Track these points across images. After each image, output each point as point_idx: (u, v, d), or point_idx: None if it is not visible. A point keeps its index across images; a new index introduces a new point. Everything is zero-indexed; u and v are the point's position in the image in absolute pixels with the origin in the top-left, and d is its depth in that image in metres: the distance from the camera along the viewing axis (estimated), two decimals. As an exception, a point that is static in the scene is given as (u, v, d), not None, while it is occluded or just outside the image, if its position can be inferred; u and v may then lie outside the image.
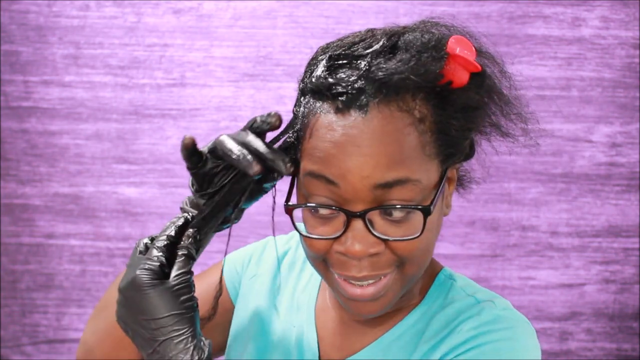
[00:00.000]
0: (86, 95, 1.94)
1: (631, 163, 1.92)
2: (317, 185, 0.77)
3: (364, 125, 0.75)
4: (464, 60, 0.77)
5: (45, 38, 1.93)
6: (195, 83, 1.93)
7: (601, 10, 1.89)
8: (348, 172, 0.74)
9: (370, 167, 0.74)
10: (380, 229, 0.76)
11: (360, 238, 0.76)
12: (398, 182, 0.75)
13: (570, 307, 1.94)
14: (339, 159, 0.75)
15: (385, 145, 0.74)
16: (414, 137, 0.76)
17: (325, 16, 1.91)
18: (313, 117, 0.78)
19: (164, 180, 1.95)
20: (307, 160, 0.77)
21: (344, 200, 0.76)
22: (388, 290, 0.79)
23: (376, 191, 0.75)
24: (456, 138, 0.79)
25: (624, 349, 1.94)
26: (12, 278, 1.99)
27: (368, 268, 0.78)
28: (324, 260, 0.80)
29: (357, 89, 0.75)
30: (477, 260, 1.93)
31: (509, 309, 0.84)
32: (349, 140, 0.75)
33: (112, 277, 1.97)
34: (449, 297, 0.86)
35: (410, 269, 0.79)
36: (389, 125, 0.75)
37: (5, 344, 1.99)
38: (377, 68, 0.75)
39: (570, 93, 1.91)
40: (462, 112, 0.78)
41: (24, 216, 1.97)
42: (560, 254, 1.93)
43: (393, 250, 0.77)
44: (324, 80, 0.77)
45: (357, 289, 0.79)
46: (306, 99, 0.80)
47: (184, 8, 1.92)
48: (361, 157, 0.74)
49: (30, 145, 1.96)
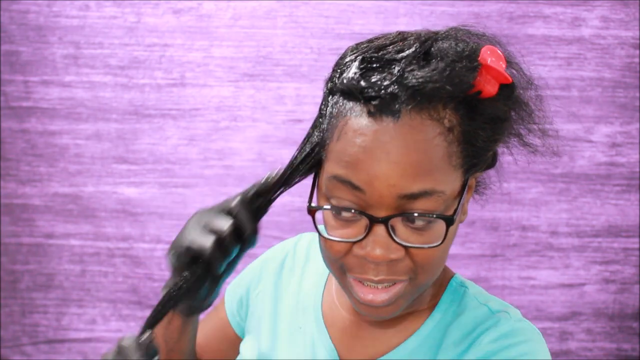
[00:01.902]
0: (86, 95, 1.94)
1: (631, 163, 1.92)
2: (342, 188, 0.76)
3: (395, 131, 0.74)
4: (495, 72, 0.77)
5: (45, 38, 1.93)
6: (195, 83, 1.93)
7: (601, 10, 1.89)
8: (375, 179, 0.74)
9: (397, 176, 0.74)
10: (402, 236, 0.77)
11: (382, 243, 0.76)
12: (424, 194, 0.75)
13: (570, 307, 1.94)
14: (368, 164, 0.74)
15: (415, 155, 0.74)
16: (442, 147, 0.75)
17: (325, 16, 1.91)
18: (342, 119, 0.77)
19: (164, 180, 1.95)
20: (334, 163, 0.77)
21: (367, 205, 0.76)
22: (399, 298, 0.80)
23: (401, 200, 0.75)
24: (482, 149, 0.79)
25: (624, 349, 1.95)
26: (12, 278, 1.99)
27: (385, 272, 0.78)
28: (341, 265, 0.80)
29: (390, 94, 0.74)
30: (477, 260, 1.93)
31: (523, 320, 0.85)
32: (378, 146, 0.74)
33: (112, 277, 1.97)
34: (462, 305, 0.87)
35: (423, 278, 0.80)
36: (419, 134, 0.74)
37: (5, 344, 1.99)
38: (411, 75, 0.75)
39: (570, 93, 1.91)
40: (489, 123, 0.78)
41: (24, 216, 1.97)
42: (560, 254, 1.93)
43: (412, 257, 0.78)
44: (356, 83, 0.76)
45: (369, 294, 0.79)
46: (335, 99, 0.79)
47: (184, 8, 1.92)
48: (390, 164, 0.74)
49: (30, 145, 1.96)
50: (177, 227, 2.05)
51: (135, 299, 1.97)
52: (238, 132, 1.93)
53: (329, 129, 0.79)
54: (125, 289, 1.97)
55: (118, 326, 1.98)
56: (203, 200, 1.94)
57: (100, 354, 1.97)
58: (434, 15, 1.86)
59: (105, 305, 1.98)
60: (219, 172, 1.94)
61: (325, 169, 0.79)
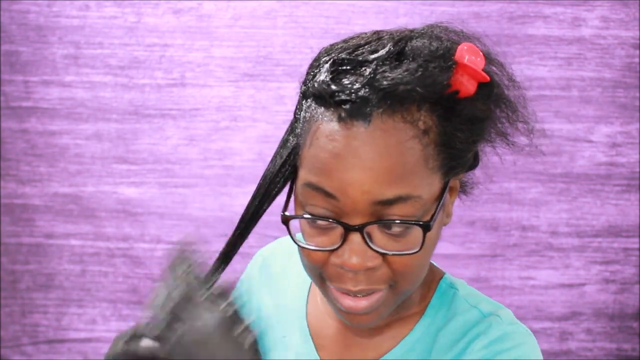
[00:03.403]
0: (86, 95, 1.94)
1: (631, 163, 1.92)
2: (315, 196, 0.74)
3: (367, 136, 0.72)
4: (472, 70, 0.75)
5: (45, 38, 1.93)
6: (195, 83, 1.93)
7: (601, 10, 1.89)
8: (348, 186, 0.72)
9: (371, 182, 0.72)
10: (379, 243, 0.74)
11: (358, 251, 0.74)
12: (399, 199, 0.72)
13: (570, 307, 1.94)
14: (340, 171, 0.72)
15: (388, 159, 0.72)
16: (417, 150, 0.73)
17: (325, 16, 1.91)
18: (314, 123, 0.75)
19: (164, 180, 1.95)
20: (306, 170, 0.75)
21: (342, 212, 0.74)
22: (380, 305, 0.78)
23: (376, 206, 0.73)
24: (460, 150, 0.77)
25: (624, 349, 1.95)
26: (12, 278, 1.99)
27: (364, 282, 0.76)
28: (320, 274, 0.78)
29: (360, 97, 0.72)
30: (477, 260, 1.93)
31: (514, 323, 0.83)
32: (350, 152, 0.72)
33: (112, 277, 1.98)
34: (452, 308, 0.85)
35: (403, 285, 0.78)
36: (392, 138, 0.72)
37: (5, 344, 1.99)
38: (382, 76, 0.72)
39: (570, 93, 1.91)
40: (468, 124, 0.76)
41: (24, 216, 1.97)
42: (560, 254, 1.93)
43: (390, 265, 0.76)
44: (326, 87, 0.74)
45: (350, 301, 0.77)
46: (308, 103, 0.77)
47: (184, 8, 1.92)
48: (362, 171, 0.72)
49: (30, 145, 1.96)
50: (177, 227, 2.07)
51: (135, 299, 1.97)
52: (238, 132, 1.93)
53: (302, 134, 0.77)
54: (125, 289, 1.97)
55: (118, 326, 1.98)
56: (203, 200, 1.94)
57: (100, 354, 1.97)
58: (434, 15, 1.86)
59: (105, 305, 1.98)
60: (219, 172, 1.94)
61: (300, 175, 0.77)
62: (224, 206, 1.93)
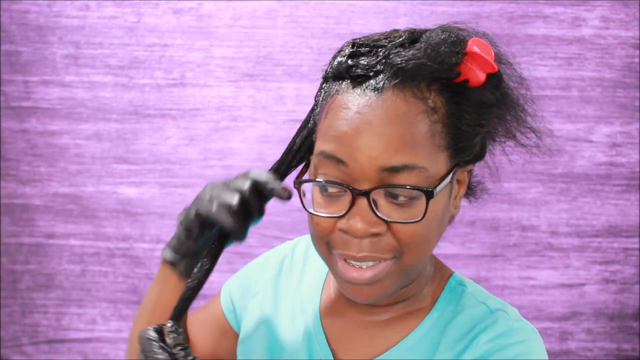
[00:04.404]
0: (86, 95, 1.94)
1: (631, 163, 1.92)
2: (327, 164, 0.78)
3: (377, 104, 0.76)
4: (481, 59, 0.79)
5: (45, 38, 1.93)
6: (195, 83, 1.93)
7: (601, 10, 1.89)
8: (357, 151, 0.76)
9: (379, 148, 0.76)
10: (384, 211, 0.77)
11: (364, 217, 0.77)
12: (405, 167, 0.76)
13: (570, 307, 1.94)
14: (350, 136, 0.76)
15: (396, 128, 0.76)
16: (425, 124, 0.77)
17: (325, 16, 1.91)
18: (330, 98, 0.80)
19: (164, 180, 1.95)
20: (321, 140, 0.80)
21: (351, 179, 0.77)
22: (385, 278, 0.80)
23: (383, 173, 0.76)
24: (467, 133, 0.80)
25: (624, 349, 1.95)
26: (12, 278, 1.99)
27: (368, 249, 0.78)
28: (327, 242, 0.81)
29: (374, 71, 0.77)
30: (477, 260, 1.93)
31: (520, 320, 0.85)
32: (361, 118, 0.76)
33: (112, 277, 1.97)
34: (460, 303, 0.87)
35: (408, 258, 0.80)
36: (401, 109, 0.76)
37: (5, 344, 1.99)
38: (395, 55, 0.78)
39: (570, 93, 1.91)
40: (475, 108, 0.80)
41: (24, 216, 1.97)
42: (560, 254, 1.93)
43: (394, 234, 0.78)
44: (344, 64, 0.79)
45: (354, 272, 0.80)
46: (326, 85, 0.82)
47: (184, 8, 1.92)
48: (372, 136, 0.76)
49: (30, 145, 1.96)
50: (177, 227, 2.05)
51: (135, 299, 1.97)
52: (238, 132, 1.93)
53: (319, 112, 0.82)
54: (125, 289, 1.97)
55: (118, 326, 1.98)
56: (203, 200, 1.94)
57: (100, 354, 1.97)
58: (434, 15, 1.86)
59: (105, 305, 1.98)
60: (219, 172, 1.94)
61: (315, 148, 0.81)
62: (224, 206, 1.93)
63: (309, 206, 0.81)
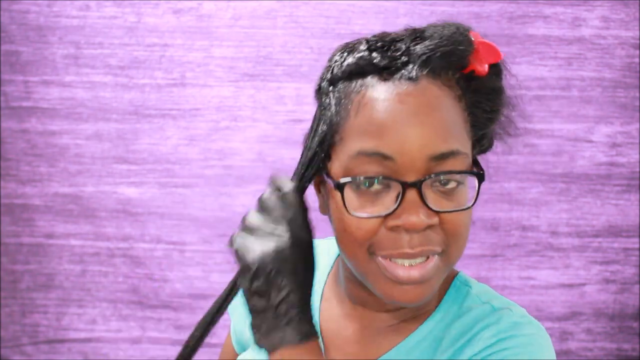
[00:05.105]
0: (86, 95, 1.94)
1: (631, 163, 1.92)
2: (368, 162, 0.75)
3: (418, 93, 0.75)
4: (489, 46, 0.78)
5: (45, 38, 1.93)
6: (195, 83, 1.93)
7: (601, 10, 1.89)
8: (406, 142, 0.73)
9: (428, 136, 0.74)
10: (433, 202, 0.75)
11: (417, 210, 0.74)
12: (452, 154, 0.75)
13: (570, 307, 1.94)
14: (396, 129, 0.74)
15: (439, 114, 0.74)
16: (458, 111, 0.77)
17: (325, 16, 1.91)
18: (356, 96, 0.76)
19: (164, 180, 1.95)
20: (356, 139, 0.75)
21: (397, 174, 0.74)
22: (432, 276, 0.78)
23: (431, 162, 0.74)
24: (486, 120, 0.80)
25: (624, 349, 1.94)
26: (12, 278, 1.99)
27: (420, 243, 0.76)
28: (369, 246, 0.77)
29: (401, 62, 0.76)
30: (477, 260, 1.93)
31: (526, 317, 0.83)
32: (404, 108, 0.74)
33: (112, 277, 1.97)
34: (465, 304, 0.85)
35: (453, 251, 0.79)
36: (440, 97, 0.75)
37: (5, 344, 1.99)
38: (417, 47, 0.76)
39: (570, 93, 1.91)
40: (488, 95, 0.79)
41: (24, 216, 1.97)
42: (560, 254, 1.93)
43: (443, 226, 0.76)
44: (366, 58, 0.77)
45: (403, 272, 0.76)
46: (338, 86, 0.78)
47: (184, 8, 1.92)
48: (418, 125, 0.74)
49: (30, 145, 1.96)
50: (177, 227, 2.07)
51: (135, 299, 1.97)
52: (238, 132, 1.93)
53: (339, 112, 0.77)
54: (125, 289, 1.97)
55: (118, 326, 1.98)
56: (203, 200, 1.94)
57: (100, 354, 1.97)
58: (434, 15, 1.86)
59: (105, 305, 1.98)
60: (219, 172, 1.94)
61: (343, 150, 0.77)
62: (224, 206, 1.93)
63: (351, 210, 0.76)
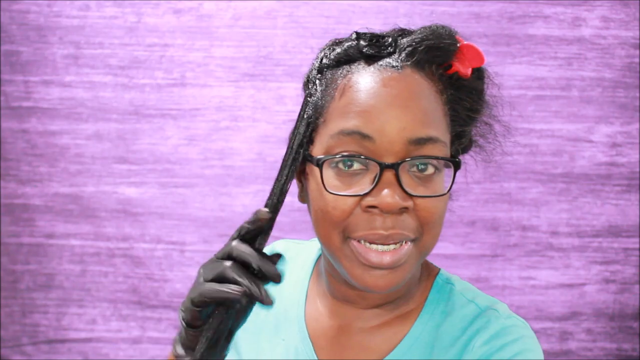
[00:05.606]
0: (86, 95, 1.94)
1: (631, 163, 1.92)
2: (348, 143, 0.77)
3: (400, 79, 0.77)
4: (473, 50, 0.80)
5: (45, 38, 1.93)
6: (195, 83, 1.93)
7: (601, 10, 1.89)
8: (386, 124, 0.76)
9: (408, 120, 0.76)
10: (409, 186, 0.77)
11: (392, 191, 0.75)
12: (430, 140, 0.76)
13: (570, 307, 1.94)
14: (378, 110, 0.76)
15: (421, 101, 0.77)
16: (439, 103, 0.79)
17: (325, 16, 1.91)
18: (342, 80, 0.79)
19: (164, 180, 1.95)
20: (338, 119, 0.78)
21: (376, 154, 0.76)
22: (405, 262, 0.78)
23: (409, 146, 0.76)
24: (464, 119, 0.81)
25: (624, 349, 1.94)
26: (12, 278, 1.99)
27: (394, 226, 0.76)
28: (344, 228, 0.78)
29: (388, 52, 0.79)
30: (477, 260, 1.93)
31: (511, 316, 0.84)
32: (387, 91, 0.77)
33: (112, 277, 1.97)
34: (450, 303, 0.86)
35: (427, 239, 0.79)
36: (422, 86, 0.78)
37: (5, 344, 1.99)
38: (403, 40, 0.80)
39: (570, 93, 1.91)
40: (469, 93, 0.81)
41: (24, 216, 1.97)
42: (561, 254, 1.93)
43: (417, 212, 0.77)
44: (355, 47, 0.80)
45: (375, 256, 0.77)
46: (325, 74, 0.81)
47: (184, 8, 1.92)
48: (400, 109, 0.76)
49: (30, 145, 1.96)
50: (177, 227, 2.06)
51: (135, 299, 1.97)
52: (238, 132, 1.93)
53: (323, 98, 0.80)
54: (125, 289, 1.97)
55: (118, 326, 1.98)
56: (203, 200, 1.94)
57: (100, 354, 1.97)
58: (434, 15, 1.86)
59: (106, 305, 1.98)
60: (219, 172, 1.94)
61: (327, 129, 0.79)
62: (224, 206, 1.93)
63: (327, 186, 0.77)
